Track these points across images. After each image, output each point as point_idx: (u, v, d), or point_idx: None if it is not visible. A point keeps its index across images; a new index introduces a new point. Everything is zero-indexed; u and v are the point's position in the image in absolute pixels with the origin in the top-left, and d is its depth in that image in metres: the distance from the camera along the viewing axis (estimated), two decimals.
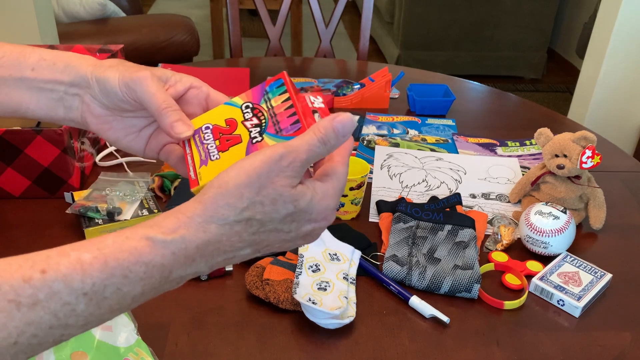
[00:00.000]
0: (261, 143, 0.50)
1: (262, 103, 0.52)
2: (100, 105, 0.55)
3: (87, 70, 0.54)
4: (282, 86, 0.53)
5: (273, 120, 0.51)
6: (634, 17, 2.09)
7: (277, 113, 0.51)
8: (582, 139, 0.90)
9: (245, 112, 0.52)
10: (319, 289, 0.75)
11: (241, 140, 0.50)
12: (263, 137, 0.50)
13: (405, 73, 1.49)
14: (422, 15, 3.45)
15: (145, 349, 0.66)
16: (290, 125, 0.50)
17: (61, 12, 2.62)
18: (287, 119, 0.50)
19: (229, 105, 0.53)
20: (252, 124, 0.51)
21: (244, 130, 0.51)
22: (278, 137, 0.50)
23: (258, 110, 0.52)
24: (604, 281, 0.81)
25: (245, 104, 0.53)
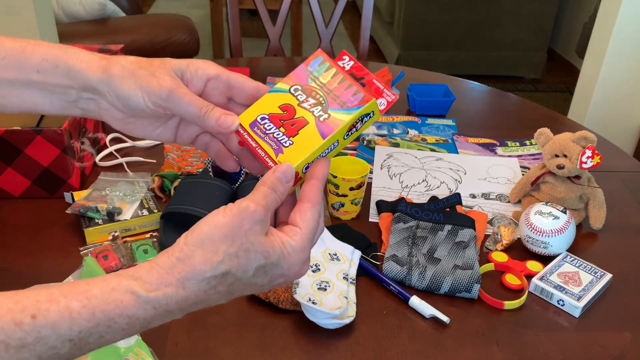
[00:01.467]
0: (330, 119, 0.50)
1: (311, 82, 0.52)
2: (121, 111, 0.53)
3: (96, 80, 0.52)
4: (325, 63, 0.53)
5: (331, 96, 0.51)
6: (634, 17, 2.09)
7: (332, 89, 0.51)
8: (582, 139, 0.90)
9: (297, 95, 0.52)
10: (319, 289, 0.75)
11: (307, 121, 0.50)
12: (329, 113, 0.50)
13: (405, 73, 1.49)
14: (422, 15, 3.45)
15: (146, 349, 0.66)
16: (352, 97, 0.50)
17: (61, 12, 2.62)
18: (345, 92, 0.51)
19: (276, 93, 0.53)
20: (311, 104, 0.51)
21: (305, 112, 0.51)
22: (345, 110, 0.50)
23: (310, 90, 0.52)
24: (603, 281, 0.81)
25: (294, 87, 0.52)
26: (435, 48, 3.58)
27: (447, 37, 3.54)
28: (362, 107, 0.50)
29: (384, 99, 0.53)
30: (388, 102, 0.53)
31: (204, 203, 0.87)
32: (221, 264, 0.43)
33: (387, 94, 0.53)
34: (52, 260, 0.83)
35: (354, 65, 0.54)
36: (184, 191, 0.91)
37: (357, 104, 0.50)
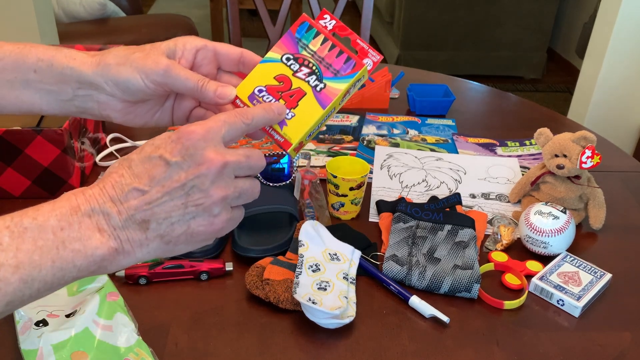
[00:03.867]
0: (327, 89, 0.51)
1: (301, 51, 0.53)
2: (120, 100, 0.56)
3: (91, 73, 0.54)
4: (312, 29, 0.53)
5: (324, 65, 0.52)
6: (634, 17, 2.09)
7: (324, 57, 0.52)
8: (582, 139, 0.90)
9: (290, 65, 0.52)
10: (319, 289, 0.75)
11: (305, 92, 0.51)
12: (325, 82, 0.51)
13: (405, 73, 1.49)
14: (422, 15, 3.46)
15: (146, 349, 0.66)
16: (344, 64, 0.52)
17: (61, 12, 2.62)
18: (337, 60, 0.52)
19: (268, 63, 0.53)
20: (305, 74, 0.52)
21: (301, 82, 0.52)
22: (339, 78, 0.51)
23: (302, 59, 0.53)
24: (603, 281, 0.81)
25: (285, 56, 0.53)
26: (435, 48, 3.58)
27: (447, 37, 3.54)
28: (356, 74, 0.52)
29: (370, 59, 0.54)
30: (374, 62, 0.54)
31: None
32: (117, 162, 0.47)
33: (372, 55, 0.54)
34: None
35: (336, 24, 0.55)
36: None
37: (351, 72, 0.52)
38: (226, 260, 0.84)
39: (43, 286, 0.43)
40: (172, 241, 0.47)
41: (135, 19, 2.78)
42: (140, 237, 0.45)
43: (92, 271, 0.45)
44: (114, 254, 0.45)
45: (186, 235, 0.47)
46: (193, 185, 0.45)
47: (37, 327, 0.66)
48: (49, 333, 0.65)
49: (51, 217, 0.43)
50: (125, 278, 0.79)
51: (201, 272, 0.80)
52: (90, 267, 0.44)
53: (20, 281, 0.41)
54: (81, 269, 0.44)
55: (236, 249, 0.84)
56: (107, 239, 0.44)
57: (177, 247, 0.47)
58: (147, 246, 0.46)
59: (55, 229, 0.43)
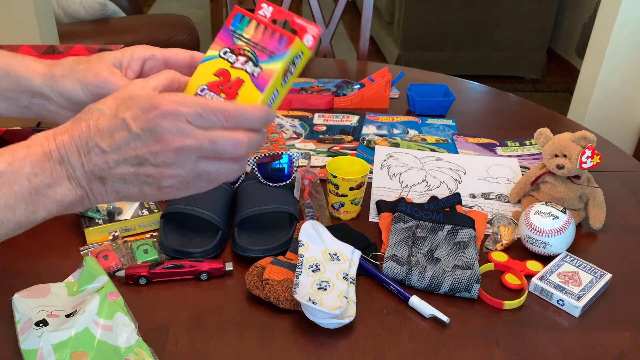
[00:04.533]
0: (263, 72, 0.51)
1: (237, 41, 0.53)
2: (69, 110, 0.58)
3: (39, 83, 0.57)
4: (245, 18, 0.53)
5: (258, 49, 0.52)
6: (634, 17, 2.09)
7: (258, 41, 0.52)
8: (582, 138, 0.90)
9: (227, 58, 0.53)
10: (319, 289, 0.75)
11: (243, 80, 0.51)
12: (261, 66, 0.51)
13: (405, 73, 1.49)
14: (422, 15, 3.46)
15: (146, 350, 0.66)
16: (278, 44, 0.51)
17: (61, 12, 2.62)
18: (271, 41, 0.52)
19: (208, 61, 0.53)
20: (242, 62, 0.52)
21: (239, 72, 0.51)
22: (274, 58, 0.51)
23: (238, 49, 0.52)
24: (603, 281, 0.81)
25: (223, 50, 0.53)
26: (435, 48, 3.58)
27: (447, 37, 3.54)
28: (289, 50, 0.51)
29: (309, 35, 0.53)
30: (314, 36, 0.53)
31: (204, 203, 0.87)
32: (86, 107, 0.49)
33: (311, 29, 0.53)
34: (52, 260, 0.83)
35: (273, 10, 0.54)
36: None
37: (284, 49, 0.51)
38: (226, 260, 0.84)
39: (17, 226, 0.47)
40: (126, 196, 0.50)
41: (135, 19, 2.78)
42: (101, 190, 0.49)
43: (61, 212, 0.49)
44: (80, 200, 0.49)
45: (139, 195, 0.50)
46: (146, 158, 0.47)
47: (37, 327, 0.66)
48: (49, 333, 0.65)
49: (26, 164, 0.46)
50: (125, 278, 0.79)
51: (201, 272, 0.80)
52: (60, 209, 0.49)
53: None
54: (51, 211, 0.48)
55: (236, 249, 0.84)
56: (75, 186, 0.48)
57: (133, 199, 0.51)
58: (106, 197, 0.50)
59: (30, 175, 0.46)
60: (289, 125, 1.24)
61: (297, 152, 1.07)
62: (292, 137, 1.20)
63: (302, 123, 1.27)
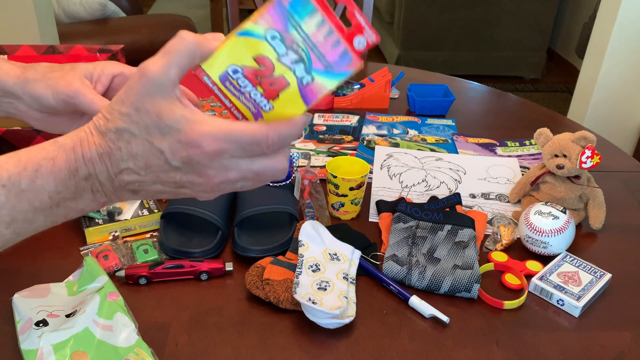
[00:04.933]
0: (314, 84, 0.44)
1: (291, 30, 0.43)
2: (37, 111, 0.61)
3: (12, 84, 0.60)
4: (309, 2, 0.43)
5: (315, 53, 0.44)
6: (634, 17, 2.09)
7: (317, 43, 0.43)
8: (582, 139, 0.90)
9: (275, 46, 0.44)
10: (319, 289, 0.75)
11: (288, 82, 0.44)
12: (313, 75, 0.44)
13: (405, 73, 1.49)
14: (422, 15, 3.46)
15: (146, 350, 0.66)
16: (339, 58, 0.44)
17: (61, 12, 2.62)
18: (332, 51, 0.44)
19: (248, 37, 0.44)
20: (292, 61, 0.44)
21: (286, 70, 0.44)
22: (330, 74, 0.44)
23: (291, 41, 0.43)
24: (603, 281, 0.81)
25: (271, 34, 0.43)
26: (435, 48, 3.58)
27: (447, 37, 3.54)
28: (350, 71, 0.44)
29: (364, 39, 0.45)
30: (368, 43, 0.45)
31: (204, 203, 0.87)
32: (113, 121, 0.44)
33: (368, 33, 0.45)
34: (52, 260, 0.83)
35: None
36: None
37: (345, 68, 0.44)
38: (226, 260, 0.84)
39: (33, 233, 0.47)
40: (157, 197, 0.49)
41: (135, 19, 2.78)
42: (130, 196, 0.48)
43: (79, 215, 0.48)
44: (102, 205, 0.48)
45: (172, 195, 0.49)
46: (184, 185, 0.46)
47: (37, 327, 0.66)
48: (49, 333, 0.65)
49: (49, 181, 0.44)
50: (125, 278, 0.79)
51: (201, 272, 0.80)
52: (78, 215, 0.48)
53: (13, 233, 0.45)
54: (70, 218, 0.48)
55: (236, 249, 0.84)
56: (99, 197, 0.47)
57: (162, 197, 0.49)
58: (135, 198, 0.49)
59: (52, 194, 0.44)
60: None
61: (297, 152, 1.07)
62: None
63: None
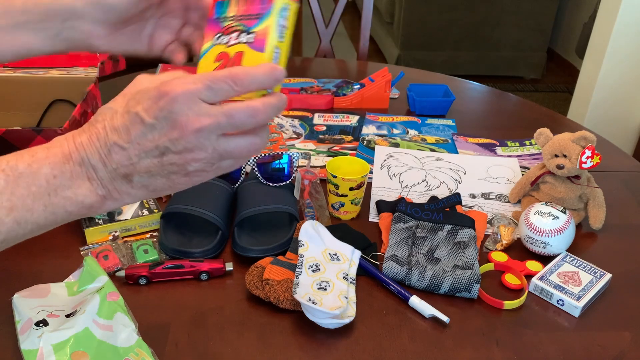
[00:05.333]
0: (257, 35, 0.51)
1: (224, 23, 0.54)
2: (104, 26, 0.60)
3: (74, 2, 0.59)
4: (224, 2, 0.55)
5: (245, 19, 0.52)
6: (634, 17, 2.10)
7: (242, 13, 0.53)
8: (582, 139, 0.90)
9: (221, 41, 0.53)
10: (319, 289, 0.75)
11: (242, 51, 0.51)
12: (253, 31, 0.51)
13: (405, 73, 1.49)
14: (422, 15, 3.46)
15: (146, 350, 0.66)
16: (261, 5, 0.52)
17: None
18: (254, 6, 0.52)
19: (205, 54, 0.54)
20: (236, 37, 0.52)
21: (237, 46, 0.51)
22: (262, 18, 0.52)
23: (227, 29, 0.53)
24: (603, 281, 0.81)
25: (215, 37, 0.54)
26: (435, 48, 3.58)
27: (447, 37, 3.54)
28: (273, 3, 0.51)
29: None
30: None
31: (204, 203, 0.87)
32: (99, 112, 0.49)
33: None
34: (52, 260, 0.83)
35: None
36: (184, 191, 0.91)
37: (268, 6, 0.51)
38: (226, 260, 0.84)
39: (35, 227, 0.47)
40: (156, 190, 0.50)
41: None
42: (127, 188, 0.49)
43: (82, 214, 0.49)
44: (102, 201, 0.49)
45: (168, 185, 0.49)
46: (166, 147, 0.46)
47: (37, 327, 0.66)
48: (49, 333, 0.65)
49: (45, 165, 0.46)
50: (126, 278, 0.79)
51: (201, 272, 0.80)
52: (81, 211, 0.48)
53: (13, 222, 0.45)
54: (72, 213, 0.48)
55: (236, 249, 0.84)
56: (96, 187, 0.47)
57: (163, 192, 0.50)
58: (133, 194, 0.49)
59: (49, 177, 0.46)
60: (289, 125, 1.24)
61: (297, 152, 1.07)
62: (292, 137, 1.21)
63: (302, 123, 1.27)
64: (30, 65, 1.08)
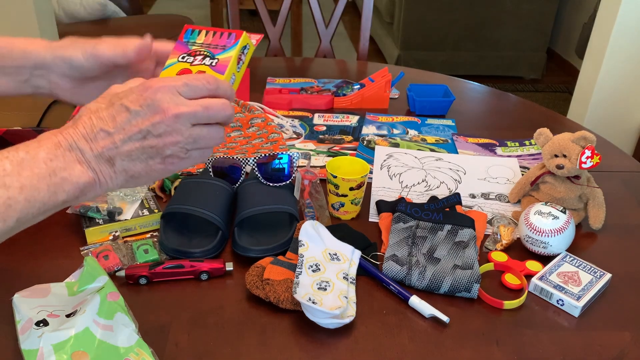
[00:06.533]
0: (220, 61, 0.61)
1: (191, 47, 0.63)
2: (69, 80, 0.66)
3: (45, 55, 0.65)
4: (195, 30, 0.64)
5: (212, 47, 0.62)
6: (633, 17, 2.10)
7: (210, 42, 0.62)
8: (582, 139, 0.90)
9: (186, 60, 0.62)
10: (319, 289, 0.75)
11: (204, 71, 0.59)
12: (217, 58, 0.61)
13: (405, 73, 1.49)
14: (422, 15, 3.46)
15: (146, 350, 0.66)
16: (227, 39, 0.62)
17: (61, 12, 2.63)
18: (221, 39, 0.62)
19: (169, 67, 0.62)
20: (200, 60, 0.61)
21: (200, 67, 0.60)
22: (227, 50, 0.61)
23: (194, 52, 0.62)
24: (603, 281, 0.81)
25: (181, 56, 0.62)
26: (435, 48, 3.58)
27: (447, 37, 3.54)
28: (239, 41, 0.62)
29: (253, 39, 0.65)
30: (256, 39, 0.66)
31: (204, 203, 0.87)
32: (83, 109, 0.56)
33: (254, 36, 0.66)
34: (52, 260, 0.83)
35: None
36: (184, 191, 0.91)
37: (234, 41, 0.62)
38: (226, 260, 0.84)
39: (42, 206, 0.52)
40: (134, 175, 0.55)
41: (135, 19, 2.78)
42: (110, 171, 0.55)
43: (77, 197, 0.54)
44: (93, 183, 0.54)
45: (145, 171, 0.56)
46: (148, 131, 0.53)
47: (38, 327, 0.66)
48: (50, 333, 0.65)
49: (40, 151, 0.52)
50: (126, 278, 0.79)
51: (201, 272, 0.80)
52: (76, 193, 0.53)
53: (25, 201, 0.50)
54: (69, 194, 0.53)
55: (236, 249, 0.84)
56: (86, 169, 0.53)
57: (140, 180, 0.56)
58: (116, 178, 0.55)
59: (46, 160, 0.51)
60: (289, 126, 1.24)
61: (297, 152, 1.07)
62: (292, 137, 1.21)
63: (302, 123, 1.27)
64: None
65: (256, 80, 1.48)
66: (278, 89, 1.39)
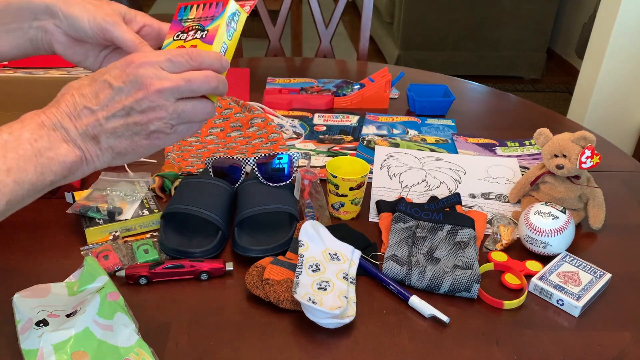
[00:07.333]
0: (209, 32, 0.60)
1: (185, 23, 0.63)
2: (64, 33, 0.64)
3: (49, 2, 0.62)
4: (187, 7, 0.64)
5: (202, 20, 0.61)
6: (633, 17, 2.10)
7: (201, 15, 0.62)
8: (582, 139, 0.90)
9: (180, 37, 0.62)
10: (319, 289, 0.75)
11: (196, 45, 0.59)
12: (206, 29, 0.60)
13: (405, 73, 1.49)
14: (422, 15, 3.46)
15: (146, 349, 0.66)
16: (216, 8, 0.61)
17: None
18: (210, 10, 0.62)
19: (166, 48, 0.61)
20: (193, 34, 0.61)
21: (192, 41, 0.60)
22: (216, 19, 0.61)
23: (187, 28, 0.62)
24: (603, 281, 0.81)
25: (175, 35, 0.62)
26: (435, 48, 3.58)
27: (447, 37, 3.54)
28: (225, 8, 0.61)
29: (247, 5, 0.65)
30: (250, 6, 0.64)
31: (204, 203, 0.87)
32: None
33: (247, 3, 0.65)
34: (52, 260, 0.83)
35: None
36: (184, 191, 0.91)
37: (221, 10, 0.61)
38: (226, 260, 0.84)
39: (31, 188, 0.52)
40: (121, 152, 0.55)
41: None
42: (96, 149, 0.54)
43: (65, 176, 0.53)
44: (80, 162, 0.54)
45: (131, 147, 0.55)
46: (131, 107, 0.52)
47: (38, 327, 0.66)
48: (50, 333, 0.65)
49: (24, 132, 0.51)
50: (126, 278, 0.79)
51: (201, 272, 0.80)
52: (63, 172, 0.53)
53: (14, 183, 0.50)
54: (57, 173, 0.52)
55: (236, 249, 0.84)
56: (73, 147, 0.53)
57: (127, 157, 0.56)
58: (102, 156, 0.55)
59: (30, 141, 0.51)
60: (289, 126, 1.24)
61: (297, 152, 1.07)
62: (292, 137, 1.21)
63: (302, 123, 1.27)
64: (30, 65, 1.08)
65: (256, 80, 1.48)
66: (278, 89, 1.39)
